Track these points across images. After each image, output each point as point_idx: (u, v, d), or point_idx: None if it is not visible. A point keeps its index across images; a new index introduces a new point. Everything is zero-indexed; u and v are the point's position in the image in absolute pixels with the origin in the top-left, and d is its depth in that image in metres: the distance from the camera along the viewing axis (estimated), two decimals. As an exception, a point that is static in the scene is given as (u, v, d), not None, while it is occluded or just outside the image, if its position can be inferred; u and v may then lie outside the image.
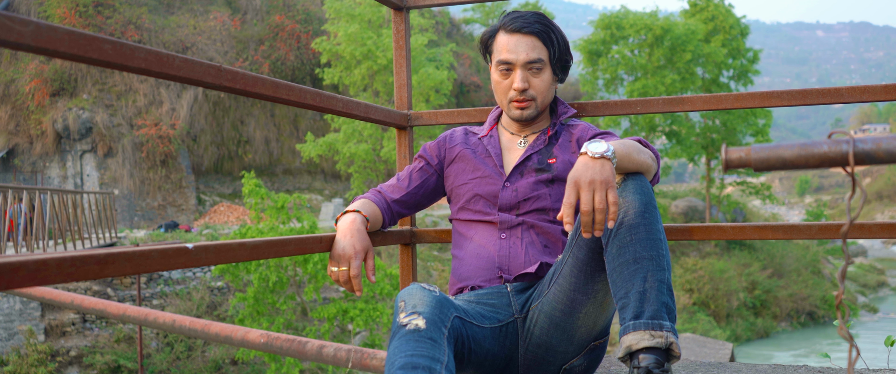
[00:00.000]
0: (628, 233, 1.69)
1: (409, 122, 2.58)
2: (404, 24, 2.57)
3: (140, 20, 22.62)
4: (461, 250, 2.14)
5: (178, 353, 13.40)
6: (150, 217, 21.64)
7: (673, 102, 2.27)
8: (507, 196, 2.07)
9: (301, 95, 1.86)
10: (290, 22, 25.22)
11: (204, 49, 23.57)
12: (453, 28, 34.70)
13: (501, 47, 2.06)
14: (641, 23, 24.93)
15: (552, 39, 2.05)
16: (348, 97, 2.08)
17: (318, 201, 24.65)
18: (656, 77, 24.69)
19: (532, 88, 2.07)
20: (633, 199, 1.73)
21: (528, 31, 2.03)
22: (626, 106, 2.36)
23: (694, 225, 2.25)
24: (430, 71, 19.51)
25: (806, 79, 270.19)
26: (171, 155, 21.98)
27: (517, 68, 2.05)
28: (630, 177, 1.77)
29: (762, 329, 21.45)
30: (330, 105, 2.02)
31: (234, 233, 12.46)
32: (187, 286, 14.52)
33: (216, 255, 1.51)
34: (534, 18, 2.06)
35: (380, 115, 2.37)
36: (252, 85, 1.64)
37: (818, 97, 2.12)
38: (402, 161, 2.56)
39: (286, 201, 12.09)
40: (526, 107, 2.08)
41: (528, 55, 2.03)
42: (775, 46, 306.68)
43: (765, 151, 0.80)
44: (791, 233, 2.23)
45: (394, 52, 2.60)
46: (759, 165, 0.81)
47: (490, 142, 2.19)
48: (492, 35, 2.11)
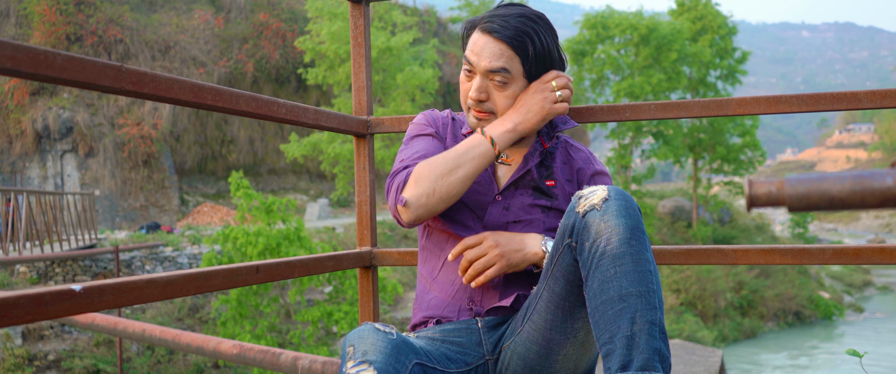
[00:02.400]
0: (612, 264, 1.45)
1: (369, 129, 2.28)
2: (363, 19, 2.29)
3: (122, 18, 22.34)
4: (431, 270, 1.87)
5: (158, 357, 13.19)
6: (131, 218, 21.38)
7: (668, 108, 2.04)
8: (496, 213, 1.80)
9: (232, 100, 1.58)
10: (275, 20, 25.00)
11: (187, 48, 23.32)
12: (440, 27, 34.55)
13: (470, 45, 1.79)
14: (626, 22, 24.87)
15: (529, 50, 1.74)
16: (294, 103, 1.81)
17: (303, 201, 24.46)
18: (642, 77, 24.64)
19: (491, 102, 1.78)
20: (617, 223, 1.47)
21: (500, 36, 1.73)
22: (616, 111, 2.11)
23: (694, 248, 2.02)
24: (416, 69, 19.35)
25: (791, 79, 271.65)
26: (153, 155, 21.73)
27: (477, 74, 1.77)
28: (613, 195, 1.50)
29: (749, 329, 21.42)
30: (271, 112, 1.73)
31: (217, 234, 12.26)
32: (169, 289, 14.31)
33: (115, 297, 1.29)
34: (514, 22, 1.74)
35: (334, 121, 2.08)
36: (166, 89, 1.39)
37: (832, 102, 1.88)
38: (361, 174, 2.26)
39: (274, 204, 11.91)
40: (483, 118, 1.80)
41: (491, 63, 1.74)
42: (761, 46, 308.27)
43: (803, 185, 0.62)
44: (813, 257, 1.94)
45: (352, 49, 2.31)
46: (795, 204, 0.63)
47: None
48: (470, 28, 1.83)
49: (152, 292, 1.36)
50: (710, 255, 1.99)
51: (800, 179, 0.63)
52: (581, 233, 1.50)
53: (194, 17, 24.26)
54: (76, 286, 1.21)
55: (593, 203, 1.50)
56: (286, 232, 11.87)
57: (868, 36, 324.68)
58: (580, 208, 1.51)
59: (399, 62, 19.86)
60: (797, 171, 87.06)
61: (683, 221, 26.15)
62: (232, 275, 1.58)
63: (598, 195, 1.50)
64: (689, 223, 26.06)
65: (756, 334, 21.53)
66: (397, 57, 19.72)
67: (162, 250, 14.54)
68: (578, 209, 1.51)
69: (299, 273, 1.85)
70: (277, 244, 11.65)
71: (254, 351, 3.49)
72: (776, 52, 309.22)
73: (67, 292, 1.20)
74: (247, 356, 3.49)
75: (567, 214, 1.55)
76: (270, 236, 11.62)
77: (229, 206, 22.43)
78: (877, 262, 1.85)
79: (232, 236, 11.73)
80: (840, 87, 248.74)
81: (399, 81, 19.30)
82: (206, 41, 24.00)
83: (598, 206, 1.49)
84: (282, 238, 11.76)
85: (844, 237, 45.19)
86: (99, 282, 1.26)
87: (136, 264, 14.05)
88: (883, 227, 50.63)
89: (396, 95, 19.70)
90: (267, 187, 24.97)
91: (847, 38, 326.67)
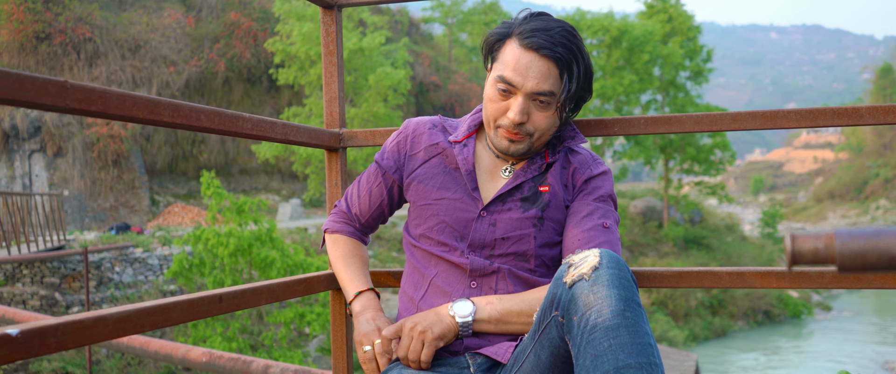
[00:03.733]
0: (605, 337, 1.28)
1: (342, 142, 2.11)
2: (335, 25, 2.13)
3: (91, 17, 22.06)
4: (416, 292, 1.73)
5: (128, 359, 13.04)
6: (101, 218, 21.13)
7: (659, 122, 1.92)
8: (482, 230, 1.67)
9: (193, 116, 1.44)
10: (246, 20, 24.81)
11: (157, 47, 23.09)
12: (412, 27, 34.49)
13: (508, 61, 1.61)
14: (599, 24, 25.01)
15: (574, 71, 1.60)
16: (261, 117, 1.70)
17: (275, 201, 24.30)
18: (615, 78, 24.79)
19: (531, 123, 1.63)
20: (609, 294, 1.31)
21: (548, 53, 1.57)
22: (604, 125, 1.98)
23: (686, 269, 1.92)
24: (388, 70, 19.30)
25: (760, 80, 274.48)
26: (123, 155, 21.48)
27: (519, 95, 1.60)
28: (605, 262, 1.35)
29: (720, 328, 21.60)
30: (236, 127, 1.59)
31: (188, 235, 12.13)
32: (139, 290, 14.14)
33: (59, 340, 1.14)
34: (560, 38, 1.59)
35: (304, 136, 1.93)
36: (117, 106, 1.25)
37: (833, 118, 1.77)
38: (333, 190, 2.12)
39: (246, 204, 11.80)
40: (517, 141, 1.65)
41: (538, 85, 1.58)
42: (730, 48, 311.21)
43: (856, 241, 0.53)
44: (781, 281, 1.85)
45: (323, 57, 2.15)
46: (847, 264, 0.55)
47: (462, 152, 1.74)
48: (501, 39, 1.65)
49: (101, 331, 1.22)
50: (702, 277, 1.88)
51: (852, 235, 0.55)
52: (568, 307, 1.35)
53: (165, 16, 24.02)
54: (13, 330, 1.07)
55: (582, 272, 1.35)
56: (258, 233, 11.76)
57: (835, 38, 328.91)
58: (568, 278, 1.37)
59: (371, 63, 19.80)
60: (766, 171, 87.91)
61: (655, 221, 26.33)
62: (192, 306, 1.46)
63: (589, 263, 1.36)
64: (660, 223, 26.25)
65: (726, 332, 21.73)
66: (369, 58, 19.66)
67: (132, 251, 14.37)
68: (566, 279, 1.37)
69: (266, 300, 1.73)
70: (249, 245, 11.55)
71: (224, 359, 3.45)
72: (745, 53, 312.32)
73: (2, 337, 1.05)
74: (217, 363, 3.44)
75: (554, 282, 1.41)
76: (242, 236, 11.51)
77: (200, 206, 22.23)
78: (877, 286, 1.76)
79: (203, 237, 11.61)
80: (808, 88, 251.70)
81: (371, 82, 19.24)
82: (177, 40, 23.77)
83: (586, 275, 1.34)
84: (253, 239, 11.65)
85: (812, 237, 45.70)
86: (40, 323, 1.12)
87: (106, 266, 13.88)
88: (850, 226, 51.36)
89: (368, 95, 19.65)
90: (238, 187, 24.79)
91: (815, 39, 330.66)
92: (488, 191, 1.72)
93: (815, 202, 61.69)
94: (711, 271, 1.87)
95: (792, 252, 0.58)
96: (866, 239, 0.54)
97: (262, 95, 25.32)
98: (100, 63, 21.90)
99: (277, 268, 11.69)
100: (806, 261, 0.57)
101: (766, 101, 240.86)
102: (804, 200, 67.01)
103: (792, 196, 71.71)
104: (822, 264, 0.57)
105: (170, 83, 22.94)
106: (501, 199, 1.69)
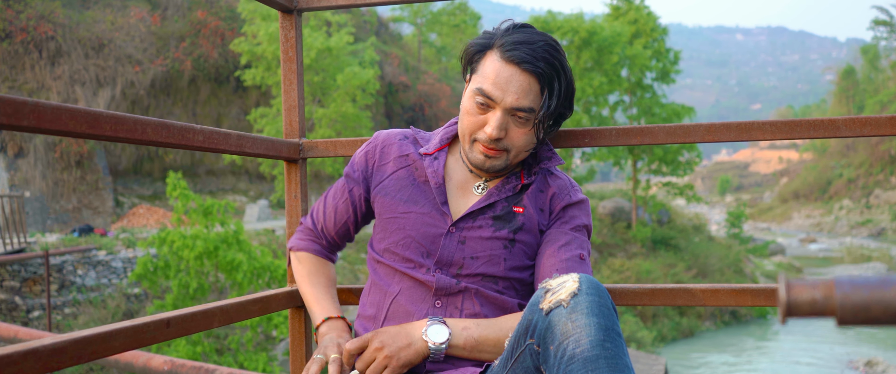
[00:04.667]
0: (583, 369, 1.20)
1: (302, 153, 2.02)
2: (295, 30, 2.04)
3: (53, 15, 21.66)
4: (378, 312, 1.64)
5: (90, 364, 12.82)
6: (64, 220, 20.76)
7: (632, 133, 1.85)
8: (451, 247, 1.59)
9: (137, 129, 1.33)
10: (214, 19, 24.52)
11: (122, 46, 22.74)
12: (381, 27, 34.35)
13: (488, 73, 1.55)
14: (568, 25, 25.09)
15: (555, 88, 1.54)
16: (213, 129, 1.61)
17: (242, 202, 24.07)
18: (584, 79, 24.88)
19: (508, 139, 1.57)
20: (588, 322, 1.24)
21: (530, 68, 1.51)
22: (575, 137, 1.90)
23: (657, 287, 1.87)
24: (356, 69, 19.19)
25: (726, 81, 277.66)
26: (86, 155, 21.13)
27: (498, 110, 1.54)
28: (585, 288, 1.28)
29: (687, 329, 21.74)
30: (185, 140, 1.49)
31: (153, 237, 11.96)
32: (102, 294, 13.90)
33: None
34: (543, 52, 1.53)
35: (260, 147, 1.83)
36: (51, 121, 1.15)
37: (809, 130, 1.72)
38: (292, 203, 2.04)
39: (213, 206, 11.65)
40: (494, 156, 1.59)
41: (518, 100, 1.52)
42: (697, 49, 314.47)
43: (859, 292, 0.47)
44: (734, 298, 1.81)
45: (282, 64, 2.06)
46: (849, 317, 0.49)
47: (432, 165, 1.67)
48: (482, 50, 1.60)
49: (32, 366, 1.11)
50: (676, 295, 1.82)
51: (855, 285, 0.49)
52: (545, 335, 1.27)
53: (129, 15, 23.66)
54: None
55: (560, 299, 1.28)
56: (224, 235, 11.64)
57: (799, 40, 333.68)
58: (544, 305, 1.29)
59: (338, 62, 19.67)
60: (733, 172, 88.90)
61: (623, 221, 26.46)
62: (136, 334, 1.36)
63: (567, 289, 1.29)
64: (628, 224, 26.38)
65: (694, 333, 21.89)
66: (336, 57, 19.53)
67: (95, 253, 14.13)
68: (542, 306, 1.30)
69: (219, 323, 1.63)
70: (215, 248, 11.43)
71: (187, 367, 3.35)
72: (712, 54, 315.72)
73: None
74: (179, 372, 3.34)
75: (529, 307, 1.33)
76: (208, 239, 11.39)
77: (166, 208, 21.95)
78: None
79: (168, 240, 11.47)
80: (773, 89, 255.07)
81: (339, 82, 19.12)
82: (142, 39, 23.43)
83: (564, 302, 1.27)
84: (220, 241, 11.53)
85: (777, 236, 46.28)
86: None
87: (68, 269, 13.62)
88: (814, 226, 52.01)
89: (336, 95, 19.52)
90: (205, 188, 24.51)
91: (779, 41, 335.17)
92: (459, 207, 1.65)
93: (781, 202, 62.48)
94: (686, 288, 1.81)
95: (787, 303, 0.52)
96: (870, 290, 0.48)
97: (230, 95, 25.06)
98: (62, 62, 21.52)
99: (244, 271, 11.57)
100: (802, 313, 0.52)
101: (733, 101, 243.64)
102: (770, 200, 67.84)
103: (758, 196, 72.56)
104: (819, 316, 0.51)
105: (135, 83, 22.60)
106: (472, 216, 1.62)
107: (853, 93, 56.05)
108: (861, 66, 57.87)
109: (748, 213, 48.95)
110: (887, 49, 55.52)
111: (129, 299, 14.13)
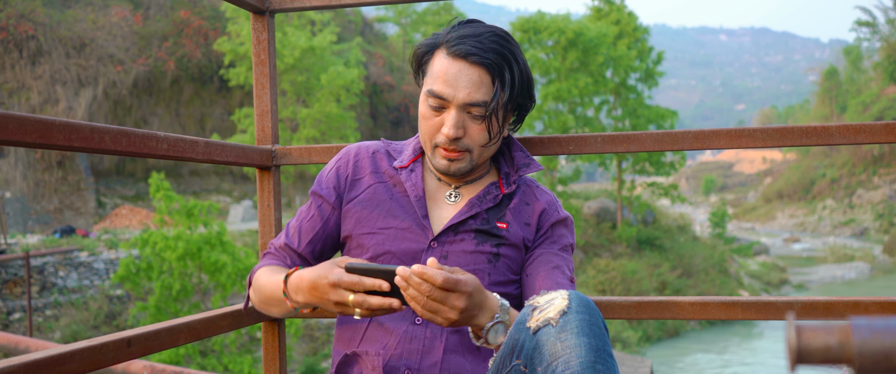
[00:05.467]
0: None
1: (275, 160, 1.94)
2: (267, 32, 1.95)
3: (34, 14, 21.43)
4: (354, 333, 1.55)
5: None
6: (45, 221, 20.55)
7: (617, 140, 1.79)
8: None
9: (93, 138, 1.22)
10: (197, 18, 24.36)
11: (104, 45, 22.54)
12: (365, 27, 34.26)
13: (438, 73, 1.49)
14: (555, 26, 25.09)
15: (506, 78, 1.47)
16: (179, 136, 1.52)
17: (227, 203, 23.93)
18: (570, 80, 24.88)
19: (468, 138, 1.51)
20: (578, 343, 1.16)
21: (478, 60, 1.45)
22: (558, 143, 1.84)
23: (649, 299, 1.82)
24: (340, 69, 19.11)
25: (710, 81, 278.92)
26: (67, 156, 20.93)
27: (452, 108, 1.49)
28: (575, 306, 1.21)
29: (672, 328, 21.77)
30: (148, 149, 1.40)
31: (135, 238, 11.85)
32: (84, 295, 13.75)
33: None
34: (491, 43, 1.47)
35: (231, 154, 1.75)
36: (11, 132, 1.07)
37: (801, 137, 1.67)
38: (265, 212, 1.95)
39: (195, 207, 11.56)
40: (456, 158, 1.52)
41: (470, 95, 1.46)
42: (681, 50, 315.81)
43: (880, 338, 0.41)
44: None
45: (254, 68, 1.97)
46: (868, 365, 0.42)
47: (410, 178, 1.60)
48: (430, 50, 1.54)
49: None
50: (664, 308, 1.76)
51: (874, 330, 0.42)
52: (532, 355, 1.20)
53: (111, 14, 23.46)
54: None
55: (549, 317, 1.20)
56: (207, 236, 11.55)
57: (782, 40, 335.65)
58: (532, 323, 1.22)
59: (322, 62, 19.59)
60: (717, 172, 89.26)
61: (609, 222, 26.49)
62: (95, 354, 1.28)
63: (556, 307, 1.21)
64: (613, 224, 26.42)
65: (679, 332, 21.92)
66: (320, 57, 19.44)
67: (76, 255, 13.98)
68: (530, 324, 1.23)
69: (185, 340, 1.54)
70: (198, 249, 11.34)
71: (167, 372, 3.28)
72: (696, 55, 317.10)
73: None
74: (158, 380, 3.27)
75: (516, 326, 1.26)
76: (191, 240, 11.30)
77: (149, 208, 21.77)
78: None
79: (151, 241, 11.38)
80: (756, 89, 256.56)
81: (323, 82, 19.03)
82: (124, 38, 23.24)
83: (553, 320, 1.20)
84: (203, 242, 11.44)
85: (761, 236, 46.50)
86: None
87: (49, 271, 13.48)
88: (797, 226, 52.28)
89: (321, 95, 19.43)
90: (189, 188, 24.34)
91: (763, 42, 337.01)
92: (437, 220, 1.57)
93: (765, 202, 62.78)
94: (674, 301, 1.76)
95: (798, 350, 0.46)
96: (892, 334, 0.42)
97: (213, 95, 24.90)
98: (43, 62, 21.31)
99: (228, 272, 11.48)
100: (814, 360, 0.45)
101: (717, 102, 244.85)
102: (754, 200, 68.18)
103: (742, 196, 72.91)
104: (834, 364, 0.45)
105: (117, 83, 22.42)
106: (453, 229, 1.55)
107: (836, 93, 56.40)
108: (844, 67, 58.25)
109: (732, 213, 49.20)
110: (869, 50, 55.91)
111: (111, 301, 13.99)
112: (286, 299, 1.44)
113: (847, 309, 1.63)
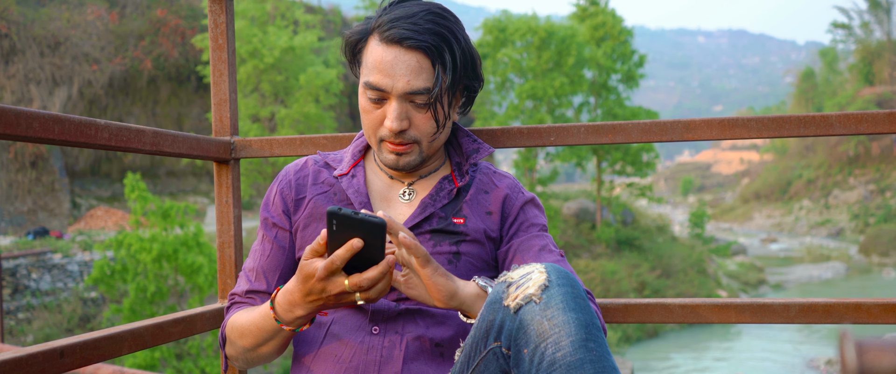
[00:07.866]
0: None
1: (233, 153, 1.82)
2: (225, 15, 1.82)
3: (7, 12, 21.13)
4: (308, 349, 1.44)
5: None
6: (18, 222, 20.26)
7: (602, 131, 1.69)
8: None
9: (18, 124, 1.10)
10: (173, 17, 24.11)
11: (79, 44, 22.26)
12: (345, 26, 34.09)
13: (373, 62, 1.37)
14: (525, 26, 25.13)
15: (449, 60, 1.35)
16: (125, 125, 1.40)
17: (204, 204, 23.71)
18: (545, 80, 24.89)
19: (414, 129, 1.40)
20: (566, 319, 1.08)
21: (414, 44, 1.33)
22: (538, 134, 1.74)
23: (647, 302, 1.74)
24: (319, 69, 19.02)
25: (688, 82, 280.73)
26: (41, 156, 20.65)
27: (393, 99, 1.37)
28: (555, 280, 1.12)
29: (652, 329, 21.82)
30: (86, 137, 1.28)
31: (110, 240, 11.69)
32: (57, 298, 13.55)
33: None
34: (426, 24, 1.34)
35: (183, 146, 1.61)
36: None
37: (799, 127, 1.58)
38: (223, 209, 1.83)
39: (171, 209, 11.42)
40: (404, 152, 1.42)
41: (410, 83, 1.35)
42: (660, 51, 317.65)
43: None
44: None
45: (211, 53, 1.83)
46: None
47: (351, 184, 1.49)
48: (362, 38, 1.41)
49: None
50: (652, 311, 1.67)
51: None
52: (516, 336, 1.10)
53: (86, 12, 23.17)
54: None
55: (529, 293, 1.10)
56: (184, 237, 11.43)
57: (759, 42, 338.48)
58: (510, 301, 1.12)
59: (301, 62, 19.49)
60: (695, 172, 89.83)
61: (588, 222, 26.53)
62: (20, 366, 1.16)
63: (535, 281, 1.12)
64: (593, 225, 26.46)
65: (658, 333, 21.97)
66: (300, 57, 19.34)
67: (50, 257, 13.78)
68: (508, 302, 1.12)
69: (130, 349, 1.41)
70: (174, 251, 11.21)
71: (137, 378, 3.18)
72: (674, 56, 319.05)
73: None
74: (128, 385, 3.17)
75: (489, 306, 1.15)
76: (166, 241, 11.17)
77: (126, 209, 21.53)
78: (850, 321, 1.59)
79: (126, 243, 11.24)
80: (734, 91, 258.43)
81: (302, 82, 18.92)
82: (100, 37, 22.96)
83: (535, 297, 1.10)
84: (179, 244, 11.31)
85: (739, 236, 46.77)
86: None
87: (22, 273, 13.27)
88: (774, 226, 52.65)
89: (299, 95, 19.32)
90: (166, 189, 24.11)
91: (740, 44, 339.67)
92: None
93: (742, 203, 63.17)
94: (663, 304, 1.68)
95: (861, 370, 0.38)
96: None
97: (191, 94, 24.67)
98: (17, 60, 21.01)
99: (205, 274, 11.35)
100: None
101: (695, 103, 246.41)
102: (731, 200, 68.59)
103: (720, 197, 73.35)
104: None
105: (92, 82, 22.15)
106: None
107: (812, 95, 56.87)
108: (820, 68, 58.79)
109: (710, 213, 49.45)
110: (845, 52, 56.46)
111: (85, 304, 13.80)
112: (281, 326, 1.31)
113: (848, 312, 1.57)
